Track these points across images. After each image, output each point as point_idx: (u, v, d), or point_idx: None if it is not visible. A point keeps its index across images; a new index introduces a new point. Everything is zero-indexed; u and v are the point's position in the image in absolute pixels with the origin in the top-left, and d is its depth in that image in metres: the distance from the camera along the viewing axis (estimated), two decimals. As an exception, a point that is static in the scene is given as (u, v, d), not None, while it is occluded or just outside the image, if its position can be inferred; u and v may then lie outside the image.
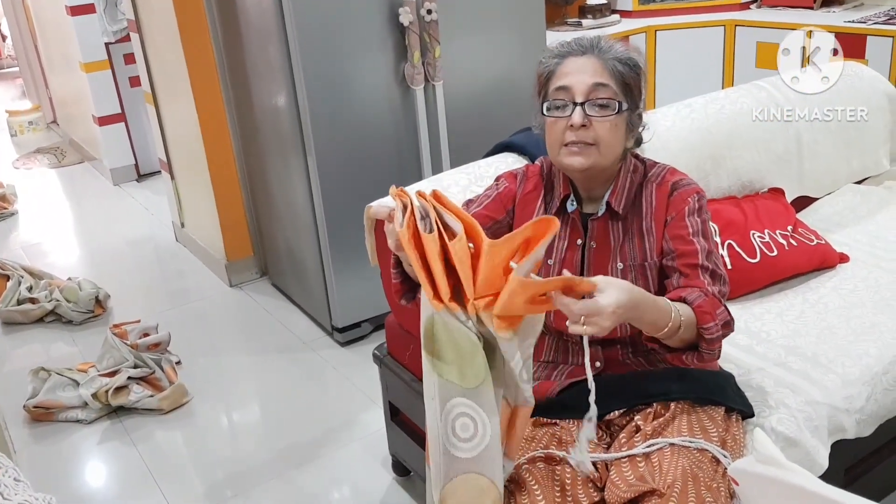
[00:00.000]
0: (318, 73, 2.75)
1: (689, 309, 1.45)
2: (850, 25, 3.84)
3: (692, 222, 1.57)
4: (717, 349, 1.48)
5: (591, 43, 1.57)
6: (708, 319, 1.45)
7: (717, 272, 1.55)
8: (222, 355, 3.21)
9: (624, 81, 1.54)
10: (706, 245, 1.55)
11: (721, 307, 1.50)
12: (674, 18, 4.45)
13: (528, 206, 1.67)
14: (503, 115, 3.05)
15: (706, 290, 1.50)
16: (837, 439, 1.78)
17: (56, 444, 2.72)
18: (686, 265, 1.54)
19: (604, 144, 1.53)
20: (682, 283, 1.53)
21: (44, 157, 6.06)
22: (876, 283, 2.18)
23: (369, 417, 2.69)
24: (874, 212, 2.61)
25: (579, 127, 1.51)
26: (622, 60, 1.54)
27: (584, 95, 1.52)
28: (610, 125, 1.53)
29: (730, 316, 1.52)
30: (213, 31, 3.34)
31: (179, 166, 4.00)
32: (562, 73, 1.55)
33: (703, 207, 1.59)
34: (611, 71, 1.53)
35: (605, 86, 1.52)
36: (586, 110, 1.52)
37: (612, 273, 1.58)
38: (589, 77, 1.52)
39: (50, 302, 3.49)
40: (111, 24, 4.90)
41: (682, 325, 1.43)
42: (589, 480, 1.50)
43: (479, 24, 3.05)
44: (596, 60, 1.54)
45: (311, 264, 3.14)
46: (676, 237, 1.56)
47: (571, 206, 1.63)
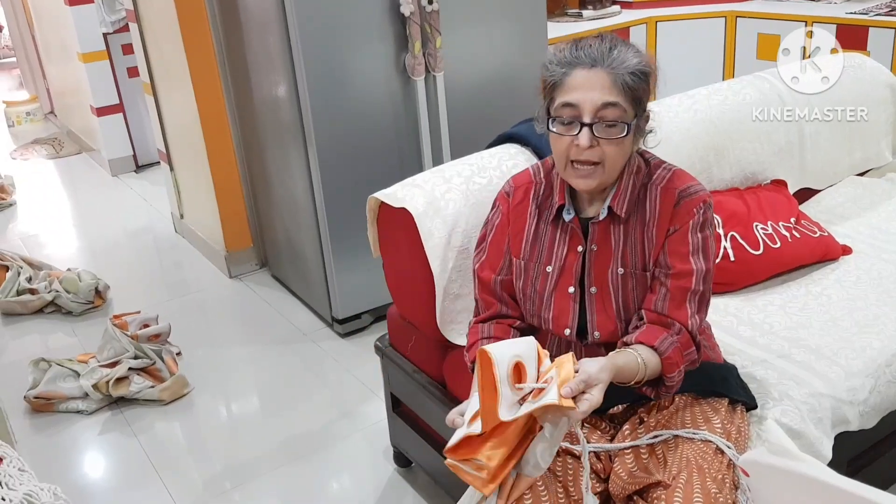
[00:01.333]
0: (319, 63, 2.74)
1: (656, 358, 1.46)
2: (852, 17, 3.83)
3: (694, 239, 1.51)
4: (674, 390, 1.52)
5: (601, 54, 1.44)
6: (673, 370, 1.47)
7: (705, 296, 1.54)
8: (222, 346, 3.21)
9: (634, 96, 1.45)
10: (703, 266, 1.51)
11: (691, 347, 1.51)
12: (674, 9, 4.44)
13: (519, 219, 1.64)
14: (504, 106, 3.04)
15: (686, 324, 1.50)
16: (841, 431, 1.78)
17: (57, 435, 2.71)
18: (678, 288, 1.51)
19: (609, 163, 1.48)
20: (668, 310, 1.51)
21: (41, 148, 6.05)
22: (879, 276, 2.18)
23: (370, 408, 2.69)
24: (876, 204, 2.61)
25: (586, 148, 1.45)
26: (634, 73, 1.44)
27: (591, 115, 1.44)
28: (617, 145, 1.46)
29: (697, 354, 1.53)
30: (212, 20, 3.32)
31: (178, 157, 3.99)
32: (569, 86, 1.45)
33: (707, 220, 1.53)
34: (621, 87, 1.43)
35: (614, 105, 1.43)
36: (595, 131, 1.44)
37: (613, 278, 1.55)
38: (598, 95, 1.43)
39: (49, 293, 3.48)
40: (109, 14, 4.88)
41: (647, 374, 1.46)
42: (593, 471, 1.50)
43: (480, 15, 3.04)
44: (606, 75, 1.43)
45: (312, 255, 3.14)
46: (675, 253, 1.52)
47: (568, 216, 1.58)
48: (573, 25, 4.33)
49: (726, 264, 2.16)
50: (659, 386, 1.50)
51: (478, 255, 1.69)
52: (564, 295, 1.58)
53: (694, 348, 1.51)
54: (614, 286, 1.55)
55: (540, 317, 1.61)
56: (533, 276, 1.60)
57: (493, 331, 1.64)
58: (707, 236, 1.53)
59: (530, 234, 1.62)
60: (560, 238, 1.59)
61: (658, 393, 1.51)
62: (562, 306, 1.58)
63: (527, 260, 1.61)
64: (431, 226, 1.91)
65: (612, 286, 1.55)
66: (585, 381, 1.30)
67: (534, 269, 1.60)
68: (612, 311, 1.55)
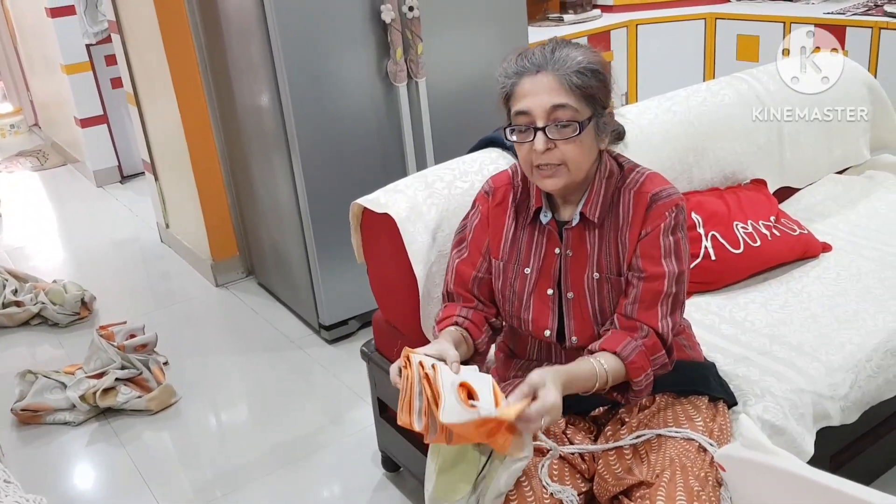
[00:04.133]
0: (301, 70, 2.75)
1: (620, 364, 1.47)
2: (830, 17, 3.87)
3: (665, 242, 1.52)
4: (644, 395, 1.53)
5: (544, 58, 1.48)
6: (639, 374, 1.48)
7: (678, 298, 1.54)
8: (210, 355, 3.20)
9: (584, 94, 1.46)
10: (675, 268, 1.52)
11: (660, 352, 1.51)
12: (654, 12, 4.47)
13: (498, 220, 1.65)
14: (486, 111, 3.01)
15: (656, 327, 1.51)
16: (823, 426, 1.80)
17: (44, 447, 2.71)
18: (649, 291, 1.52)
19: (572, 163, 1.49)
20: (637, 314, 1.51)
21: (26, 160, 6.03)
22: (858, 272, 2.20)
23: (358, 414, 2.70)
24: (855, 201, 2.63)
25: (544, 151, 1.47)
26: (579, 71, 1.45)
27: (544, 119, 1.46)
28: (575, 145, 1.47)
29: (668, 358, 1.53)
30: (194, 30, 3.33)
31: (163, 167, 3.99)
32: (519, 94, 1.49)
33: (679, 223, 1.54)
34: (568, 87, 1.45)
35: (563, 106, 1.45)
36: (548, 134, 1.46)
37: (588, 283, 1.56)
38: (546, 98, 1.45)
39: (35, 305, 3.47)
40: (92, 25, 4.87)
41: (610, 379, 1.47)
42: (577, 472, 1.51)
43: (460, 21, 3.06)
44: (551, 78, 1.46)
45: (297, 262, 3.14)
46: (647, 256, 1.52)
47: (545, 217, 1.60)
48: (554, 30, 4.34)
49: (707, 263, 2.18)
50: (627, 391, 1.51)
51: (458, 250, 1.70)
52: (543, 297, 1.59)
53: (664, 352, 1.51)
54: (590, 291, 1.56)
55: (520, 318, 1.62)
56: (512, 277, 1.62)
57: (472, 315, 1.64)
58: (679, 239, 1.54)
59: (509, 235, 1.63)
60: (538, 240, 1.61)
61: (627, 398, 1.52)
62: (540, 308, 1.60)
63: (506, 261, 1.63)
64: (414, 230, 1.92)
65: (588, 291, 1.56)
66: (529, 385, 1.33)
67: (512, 270, 1.62)
68: (588, 316, 1.57)
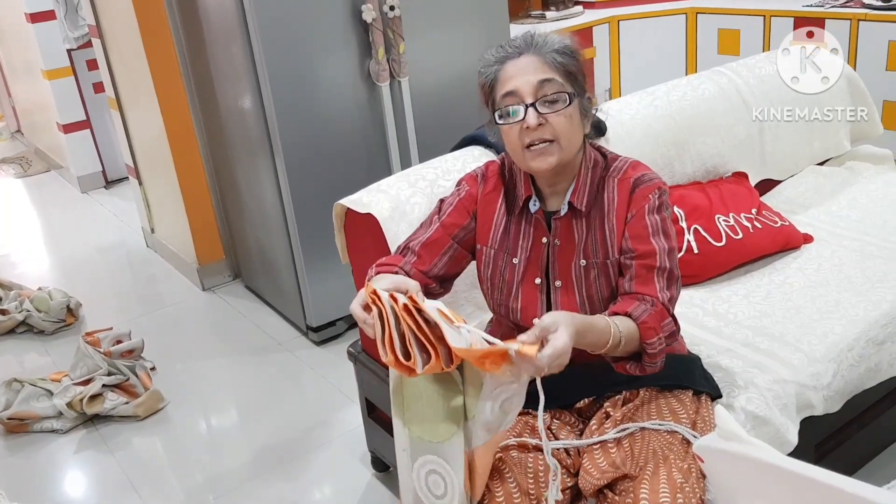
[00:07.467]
0: (283, 72, 2.75)
1: (632, 324, 1.46)
2: (809, 9, 3.89)
3: (652, 220, 1.55)
4: (658, 362, 1.50)
5: (526, 42, 1.55)
6: (652, 335, 1.47)
7: (673, 273, 1.55)
8: (197, 359, 3.20)
9: (566, 71, 1.52)
10: (665, 244, 1.55)
11: (668, 318, 1.51)
12: (636, 8, 4.48)
13: (489, 207, 1.66)
14: (469, 109, 3.02)
15: (657, 297, 1.51)
16: (806, 416, 1.82)
17: (32, 456, 2.69)
18: (643, 266, 1.53)
19: (564, 138, 1.52)
20: (635, 287, 1.53)
21: (9, 167, 5.99)
22: (839, 262, 2.22)
23: (347, 415, 2.70)
24: (836, 192, 2.66)
25: (536, 127, 1.50)
26: (560, 51, 1.52)
27: (532, 95, 1.50)
28: (565, 118, 1.51)
29: (676, 326, 1.54)
30: (175, 33, 3.31)
31: (147, 171, 3.97)
32: (504, 78, 1.53)
33: (663, 204, 1.57)
34: (552, 64, 1.51)
35: (550, 81, 1.50)
36: (538, 109, 1.50)
37: (576, 270, 1.58)
38: (532, 76, 1.50)
39: (20, 313, 3.45)
40: (72, 30, 4.85)
41: (623, 341, 1.44)
42: (563, 466, 1.52)
43: (442, 19, 3.06)
44: (535, 58, 1.52)
45: (283, 264, 3.14)
46: (636, 236, 1.55)
47: (534, 206, 1.62)
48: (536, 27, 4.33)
49: (690, 257, 2.19)
50: (641, 359, 1.49)
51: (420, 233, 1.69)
52: (531, 286, 1.60)
53: (671, 319, 1.52)
54: (577, 279, 1.58)
55: (508, 307, 1.63)
56: (501, 266, 1.63)
57: (414, 274, 1.62)
58: (665, 217, 1.57)
59: (500, 223, 1.64)
60: (525, 230, 1.62)
61: (643, 367, 1.49)
62: (529, 297, 1.61)
63: (496, 249, 1.64)
64: (398, 230, 1.92)
65: (576, 279, 1.58)
66: (541, 328, 1.31)
67: (502, 259, 1.63)
68: (575, 304, 1.58)
